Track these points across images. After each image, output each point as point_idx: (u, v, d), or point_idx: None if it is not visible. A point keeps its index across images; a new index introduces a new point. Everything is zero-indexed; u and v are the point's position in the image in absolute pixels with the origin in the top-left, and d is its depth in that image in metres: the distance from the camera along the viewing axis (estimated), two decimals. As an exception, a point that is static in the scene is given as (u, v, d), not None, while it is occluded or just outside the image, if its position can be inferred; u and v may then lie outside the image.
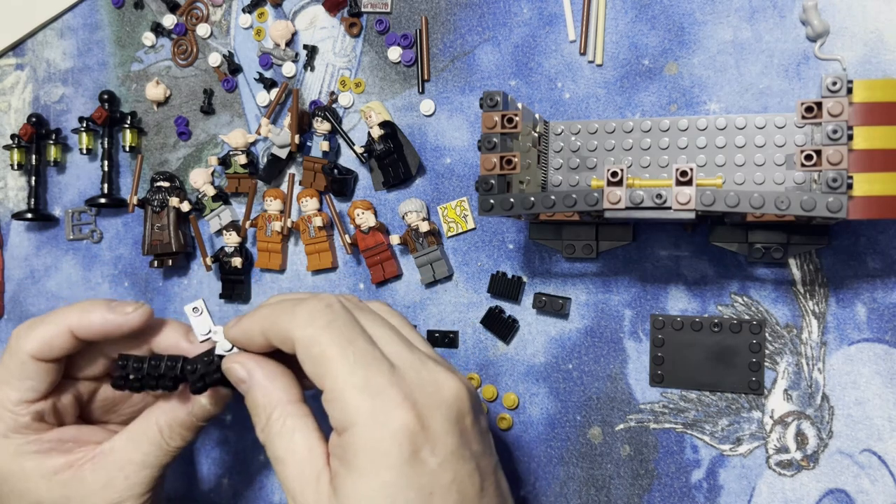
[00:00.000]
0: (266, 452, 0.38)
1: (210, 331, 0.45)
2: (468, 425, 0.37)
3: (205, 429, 0.53)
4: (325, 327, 0.36)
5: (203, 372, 0.42)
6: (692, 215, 0.37)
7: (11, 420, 0.43)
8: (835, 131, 0.37)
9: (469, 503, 0.35)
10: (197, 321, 0.45)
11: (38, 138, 0.67)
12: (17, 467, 0.43)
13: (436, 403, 0.36)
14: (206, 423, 0.45)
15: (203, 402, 0.44)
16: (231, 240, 0.59)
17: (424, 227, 0.52)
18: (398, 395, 0.34)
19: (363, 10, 0.57)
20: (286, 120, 0.58)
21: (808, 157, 0.37)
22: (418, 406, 0.35)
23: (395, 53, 0.56)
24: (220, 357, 0.42)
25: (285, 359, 0.40)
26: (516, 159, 0.42)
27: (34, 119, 0.67)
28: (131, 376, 0.42)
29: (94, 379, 0.48)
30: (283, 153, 0.58)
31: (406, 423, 0.34)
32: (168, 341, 0.46)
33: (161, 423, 0.44)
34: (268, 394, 0.39)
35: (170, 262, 0.61)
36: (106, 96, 0.64)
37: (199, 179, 0.60)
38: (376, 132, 0.54)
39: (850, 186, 0.37)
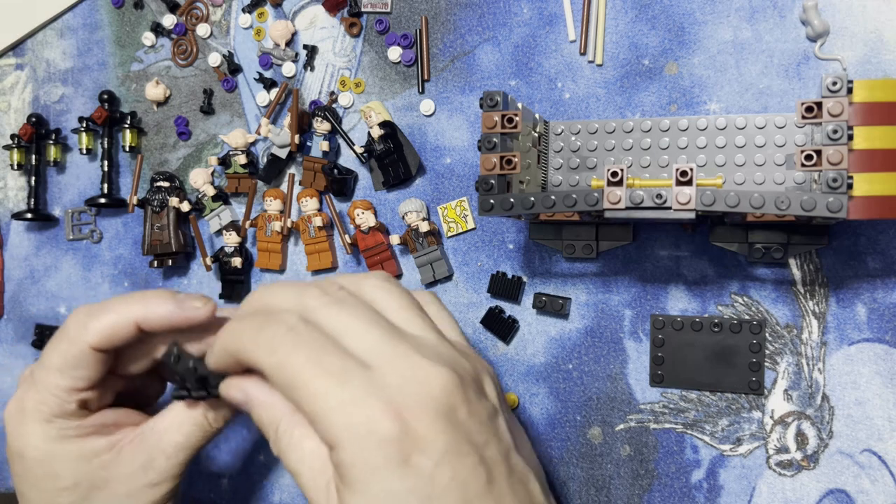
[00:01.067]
0: (283, 464, 0.38)
1: None
2: (463, 417, 0.35)
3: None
4: (290, 353, 0.35)
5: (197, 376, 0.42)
6: (692, 215, 0.37)
7: (57, 406, 0.43)
8: (835, 131, 0.37)
9: (474, 498, 0.34)
10: None
11: (37, 138, 0.67)
12: (59, 450, 0.43)
13: (421, 402, 0.34)
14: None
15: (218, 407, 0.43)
16: (231, 240, 0.59)
17: (424, 227, 0.52)
18: (377, 404, 0.33)
19: (363, 10, 0.57)
20: (286, 120, 0.58)
21: (809, 157, 0.37)
22: (401, 410, 0.33)
23: (395, 53, 0.56)
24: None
25: None
26: (516, 159, 0.42)
27: (34, 119, 0.67)
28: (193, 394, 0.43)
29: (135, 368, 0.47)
30: (283, 153, 0.58)
31: (389, 432, 0.33)
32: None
33: (169, 422, 0.43)
34: (269, 409, 0.38)
35: (170, 262, 0.61)
36: (106, 96, 0.64)
37: (199, 179, 0.60)
38: (376, 132, 0.54)
39: (850, 186, 0.37)
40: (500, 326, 0.51)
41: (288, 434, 0.37)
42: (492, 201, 0.41)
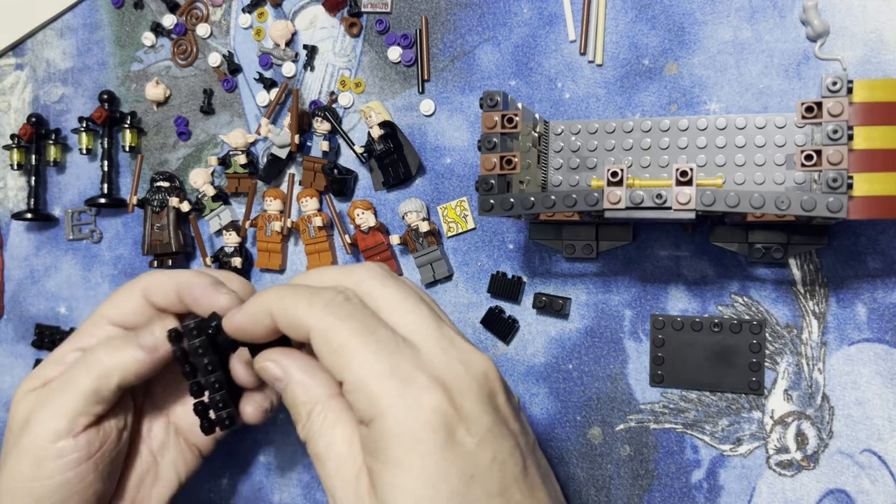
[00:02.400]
0: (307, 450, 0.37)
1: None
2: (502, 403, 0.36)
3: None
4: (344, 318, 0.35)
5: (189, 328, 0.42)
6: (692, 215, 0.37)
7: (93, 325, 0.45)
8: (835, 131, 0.37)
9: (512, 482, 0.34)
10: None
11: (37, 138, 0.67)
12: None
13: (467, 382, 0.34)
14: (142, 359, 0.43)
15: (154, 330, 0.44)
16: (231, 240, 0.59)
17: (424, 227, 0.52)
18: (426, 378, 0.33)
19: (363, 10, 0.57)
20: (286, 120, 0.58)
21: (809, 157, 0.37)
22: (448, 386, 0.33)
23: (395, 53, 0.56)
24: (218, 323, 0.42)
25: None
26: (516, 159, 0.42)
27: (34, 119, 0.67)
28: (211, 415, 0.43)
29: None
30: (282, 153, 0.58)
31: (438, 405, 0.32)
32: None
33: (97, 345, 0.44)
34: (307, 390, 0.37)
35: (170, 262, 0.61)
36: (106, 96, 0.64)
37: (199, 179, 0.60)
38: (376, 132, 0.54)
39: (850, 186, 0.37)
40: (500, 326, 0.51)
41: (321, 418, 0.36)
42: (492, 201, 0.41)
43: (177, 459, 0.49)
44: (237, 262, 0.58)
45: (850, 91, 0.37)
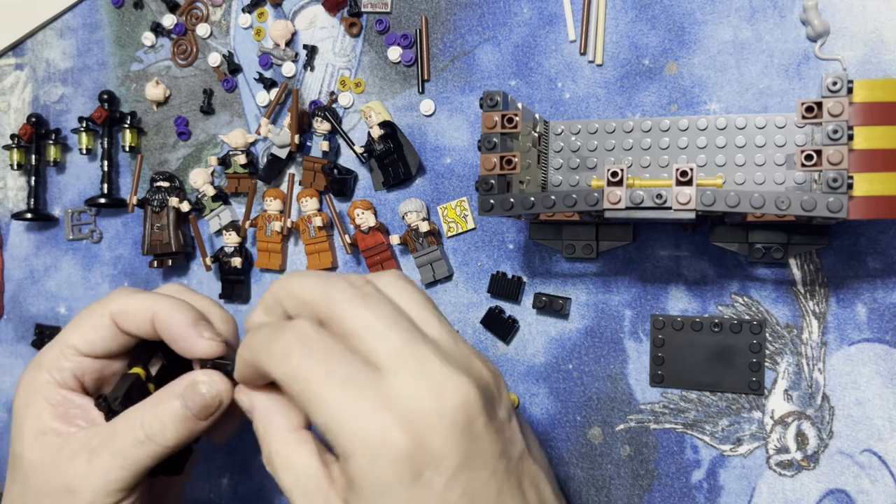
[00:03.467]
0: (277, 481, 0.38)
1: None
2: (480, 428, 0.34)
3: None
4: (301, 361, 0.34)
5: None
6: (692, 215, 0.37)
7: (55, 357, 0.42)
8: (835, 131, 0.37)
9: None
10: None
11: (37, 138, 0.67)
12: (28, 396, 0.42)
13: (437, 415, 0.33)
14: (197, 426, 0.42)
15: (199, 388, 0.41)
16: (231, 240, 0.59)
17: (424, 227, 0.52)
18: (390, 417, 0.32)
19: (363, 10, 0.57)
20: (286, 120, 0.58)
21: (809, 157, 0.37)
22: (415, 424, 0.32)
23: (395, 53, 0.56)
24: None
25: None
26: (516, 159, 0.42)
27: (34, 119, 0.67)
28: None
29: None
30: (282, 153, 0.58)
31: (401, 448, 0.31)
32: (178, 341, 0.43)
33: (143, 411, 0.41)
34: (269, 423, 0.38)
35: (169, 262, 0.61)
36: (106, 96, 0.64)
37: (199, 179, 0.60)
38: (376, 132, 0.54)
39: (850, 186, 0.37)
40: (500, 326, 0.51)
41: (284, 451, 0.37)
42: (492, 201, 0.41)
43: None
44: (237, 262, 0.58)
45: (850, 91, 0.37)
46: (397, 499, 0.32)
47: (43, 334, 0.66)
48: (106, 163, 0.64)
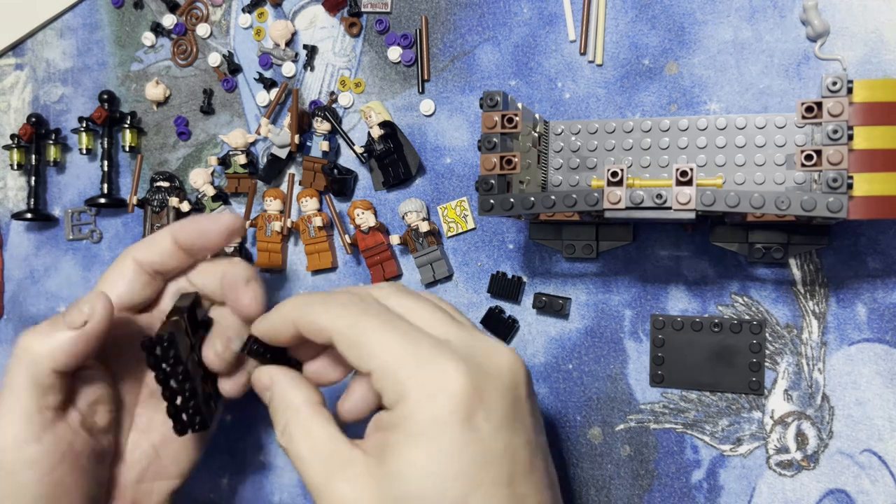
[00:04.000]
0: (289, 455, 0.38)
1: None
2: (523, 396, 0.37)
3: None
4: (361, 314, 0.37)
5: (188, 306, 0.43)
6: (692, 215, 0.37)
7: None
8: (835, 131, 0.37)
9: (519, 475, 0.35)
10: None
11: (37, 138, 0.67)
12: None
13: (487, 371, 0.35)
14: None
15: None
16: (231, 240, 0.59)
17: (424, 227, 0.52)
18: (450, 362, 0.34)
19: (363, 9, 0.57)
20: (286, 120, 0.58)
21: (809, 157, 0.37)
22: (471, 372, 0.34)
23: (395, 53, 0.56)
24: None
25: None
26: (516, 159, 0.42)
27: (34, 119, 0.67)
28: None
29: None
30: (282, 153, 0.58)
31: (459, 388, 0.34)
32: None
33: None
34: (290, 397, 0.39)
35: (170, 262, 0.61)
36: (106, 96, 0.64)
37: (199, 179, 0.60)
38: (376, 132, 0.54)
39: (850, 186, 0.37)
40: (500, 326, 0.51)
41: (302, 422, 0.38)
42: (492, 201, 0.41)
43: (179, 452, 0.48)
44: (237, 262, 0.58)
45: (850, 91, 0.37)
46: (447, 437, 0.33)
47: (43, 334, 0.66)
48: (106, 163, 0.64)
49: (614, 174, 0.38)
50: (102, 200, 0.64)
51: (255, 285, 0.44)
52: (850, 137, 0.37)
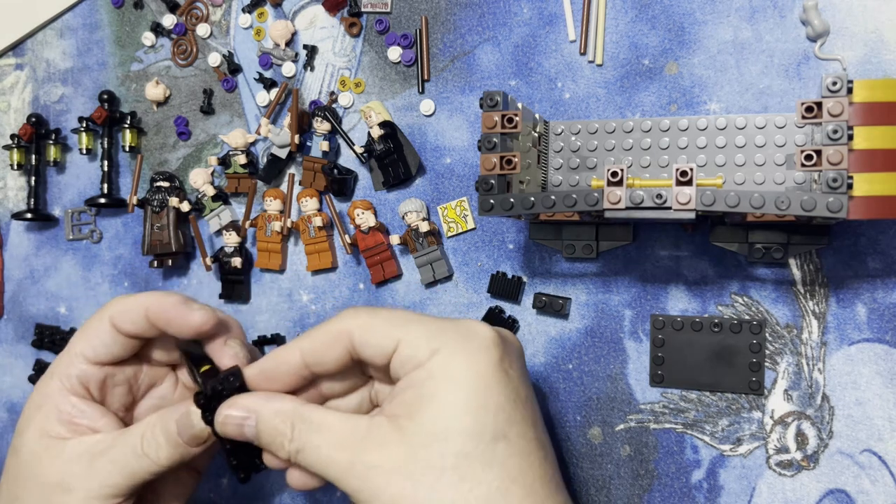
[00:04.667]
0: (301, 462, 0.37)
1: None
2: (524, 362, 0.41)
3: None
4: (372, 311, 0.39)
5: (212, 391, 0.39)
6: (692, 215, 0.37)
7: (65, 365, 0.44)
8: (835, 131, 0.37)
9: (539, 423, 0.38)
10: None
11: (37, 138, 0.67)
12: (39, 402, 0.43)
13: (506, 335, 0.40)
14: (190, 451, 0.41)
15: (191, 419, 0.40)
16: (231, 240, 0.59)
17: (424, 227, 0.52)
18: (473, 322, 0.38)
19: (363, 10, 0.57)
20: (286, 120, 0.58)
21: (809, 157, 0.37)
22: (492, 329, 0.38)
23: (395, 53, 0.56)
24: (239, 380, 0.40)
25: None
26: (516, 159, 0.42)
27: (34, 119, 0.67)
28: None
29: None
30: (282, 153, 0.58)
31: (491, 336, 0.37)
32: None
33: (149, 423, 0.42)
34: (281, 408, 0.38)
35: (169, 262, 0.61)
36: (106, 96, 0.64)
37: (199, 179, 0.60)
38: (376, 132, 0.54)
39: (850, 186, 0.37)
40: (500, 326, 0.51)
41: (306, 420, 0.37)
42: (492, 201, 0.41)
43: (175, 485, 0.47)
44: (237, 262, 0.58)
45: (850, 91, 0.37)
46: (487, 375, 0.36)
47: (43, 334, 0.66)
48: (106, 163, 0.64)
49: (614, 174, 0.38)
50: (102, 200, 0.64)
51: (192, 303, 0.42)
52: (850, 137, 0.37)
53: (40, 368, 0.66)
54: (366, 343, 0.37)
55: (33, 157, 0.67)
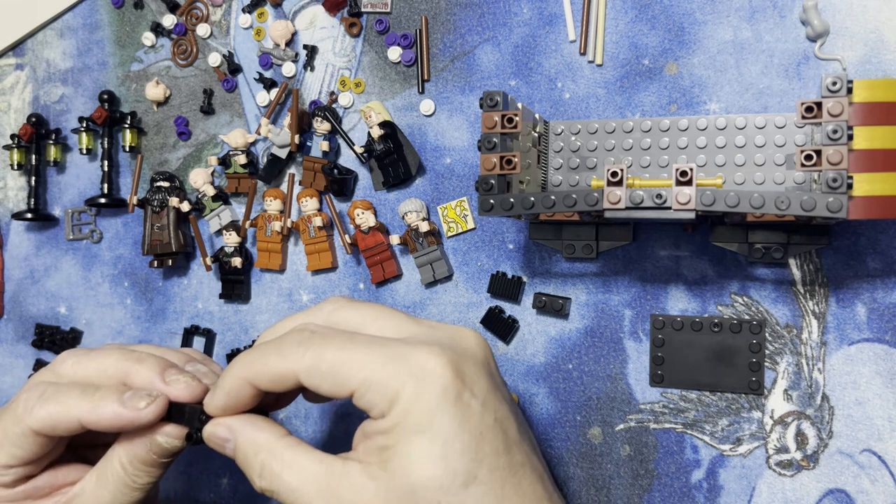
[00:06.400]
0: (276, 496, 0.37)
1: None
2: (493, 370, 0.39)
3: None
4: (322, 345, 0.36)
5: (198, 427, 0.40)
6: (692, 215, 0.37)
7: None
8: (835, 131, 0.37)
9: (512, 443, 0.36)
10: None
11: (37, 138, 0.67)
12: None
13: (461, 349, 0.37)
14: (171, 459, 0.42)
15: (159, 440, 0.40)
16: (231, 240, 0.59)
17: (424, 227, 0.52)
18: (425, 353, 0.35)
19: (363, 10, 0.57)
20: (286, 120, 0.58)
21: (808, 157, 0.37)
22: (446, 355, 0.35)
23: (395, 53, 0.56)
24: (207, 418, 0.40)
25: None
26: (516, 159, 0.42)
27: (34, 119, 0.67)
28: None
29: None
30: (282, 153, 0.58)
31: (443, 371, 0.35)
32: (143, 382, 0.42)
33: (123, 460, 0.41)
34: (257, 438, 0.38)
35: (170, 262, 0.61)
36: (106, 96, 0.64)
37: (199, 179, 0.60)
38: (376, 132, 0.54)
39: (850, 186, 0.37)
40: (500, 326, 0.51)
41: (280, 456, 0.37)
42: (492, 201, 0.41)
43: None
44: (237, 262, 0.58)
45: (850, 91, 0.37)
46: (442, 419, 0.34)
47: (43, 334, 0.66)
48: (106, 163, 0.64)
49: (614, 174, 0.38)
50: (102, 200, 0.64)
51: (129, 399, 0.40)
52: (850, 137, 0.37)
53: (40, 368, 0.66)
54: (316, 388, 0.36)
55: (33, 157, 0.67)
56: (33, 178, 0.67)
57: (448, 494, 0.34)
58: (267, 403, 0.41)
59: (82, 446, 0.46)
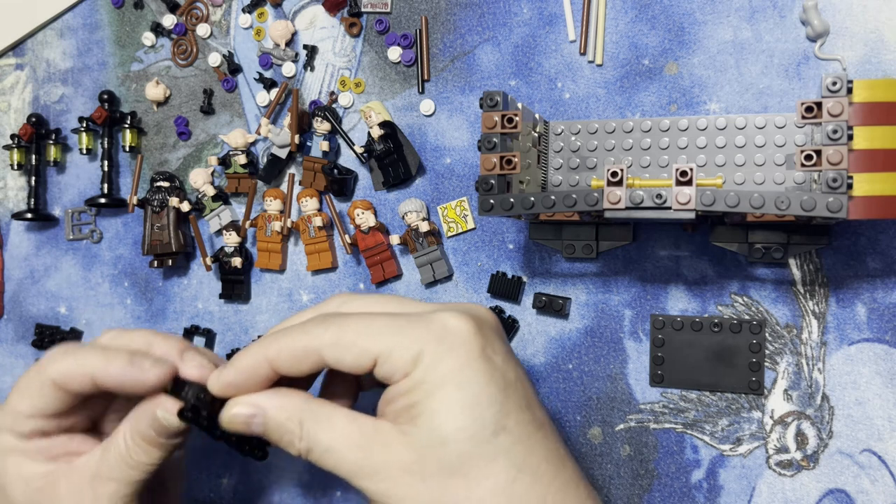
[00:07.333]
0: (312, 459, 0.37)
1: None
2: (504, 336, 0.40)
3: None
4: (343, 322, 0.37)
5: (193, 403, 0.40)
6: (692, 215, 0.37)
7: (11, 422, 0.42)
8: (835, 131, 0.37)
9: (532, 399, 0.37)
10: None
11: (37, 138, 0.67)
12: (5, 463, 0.42)
13: (483, 317, 0.38)
14: (170, 444, 0.42)
15: (158, 413, 0.40)
16: (231, 240, 0.59)
17: (424, 227, 0.52)
18: (445, 315, 0.36)
19: (363, 10, 0.57)
20: (286, 120, 0.58)
21: (808, 157, 0.37)
22: (468, 317, 0.37)
23: (395, 53, 0.56)
24: (213, 401, 0.40)
25: None
26: (516, 159, 0.42)
27: (34, 119, 0.67)
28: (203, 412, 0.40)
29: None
30: (282, 153, 0.58)
31: (467, 326, 0.36)
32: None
33: (126, 434, 0.41)
34: (288, 405, 0.38)
35: (170, 262, 0.61)
36: (106, 96, 0.64)
37: (199, 179, 0.60)
38: (376, 132, 0.54)
39: (850, 186, 0.37)
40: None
41: (314, 418, 0.37)
42: (492, 201, 0.41)
43: (170, 468, 0.47)
44: (237, 262, 0.58)
45: (850, 91, 0.37)
46: (469, 370, 0.35)
47: (43, 334, 0.66)
48: (106, 163, 0.64)
49: (614, 174, 0.38)
50: (102, 200, 0.64)
51: (141, 361, 0.40)
52: (850, 137, 0.37)
53: (40, 368, 0.66)
54: (339, 361, 0.36)
55: (33, 157, 0.67)
56: (33, 178, 0.67)
57: (479, 444, 0.34)
58: None
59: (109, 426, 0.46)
